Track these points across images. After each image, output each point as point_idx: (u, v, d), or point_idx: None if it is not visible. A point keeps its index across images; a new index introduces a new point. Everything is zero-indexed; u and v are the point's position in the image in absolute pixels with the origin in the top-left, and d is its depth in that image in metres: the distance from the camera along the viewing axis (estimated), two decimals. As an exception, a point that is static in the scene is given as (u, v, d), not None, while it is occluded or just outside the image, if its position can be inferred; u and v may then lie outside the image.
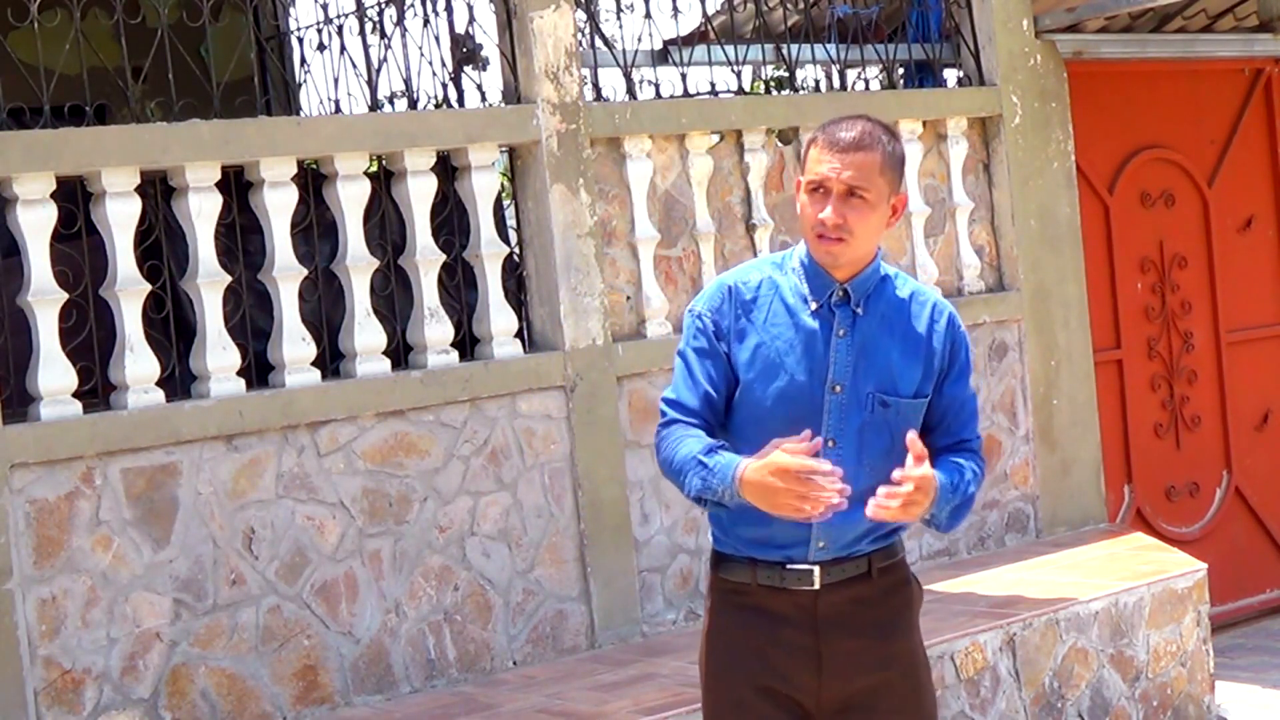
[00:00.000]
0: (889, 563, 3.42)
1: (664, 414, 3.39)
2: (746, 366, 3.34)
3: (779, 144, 6.65)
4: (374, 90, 6.01)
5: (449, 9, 6.18)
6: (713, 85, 6.64)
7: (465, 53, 6.43)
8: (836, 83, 7.08)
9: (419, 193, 5.71)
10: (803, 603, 3.35)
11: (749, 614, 3.39)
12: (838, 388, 3.32)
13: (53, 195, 5.01)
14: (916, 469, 3.16)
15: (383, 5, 7.21)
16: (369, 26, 6.97)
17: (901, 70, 7.30)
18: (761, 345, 3.34)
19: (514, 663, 5.71)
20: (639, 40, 6.37)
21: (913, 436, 3.19)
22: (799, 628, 3.36)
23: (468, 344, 5.86)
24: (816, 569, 3.34)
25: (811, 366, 3.32)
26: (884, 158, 3.28)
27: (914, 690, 3.45)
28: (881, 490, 3.16)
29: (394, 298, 5.77)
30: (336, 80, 7.15)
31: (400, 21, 6.15)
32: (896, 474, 3.17)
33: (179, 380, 5.30)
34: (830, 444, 3.30)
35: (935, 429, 3.39)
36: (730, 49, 6.66)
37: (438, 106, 6.42)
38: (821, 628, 3.36)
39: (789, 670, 3.38)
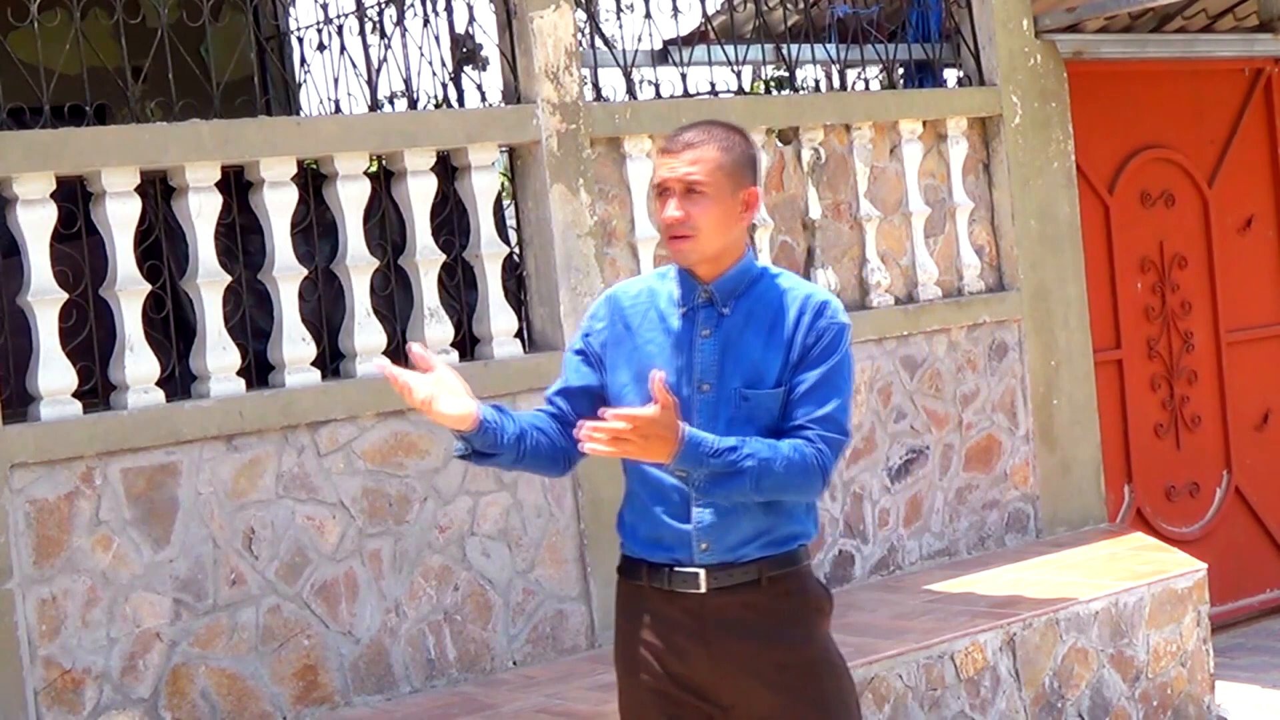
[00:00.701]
0: (782, 572, 3.41)
1: None
2: (622, 371, 3.43)
3: (779, 144, 6.65)
4: (374, 90, 6.01)
5: (449, 9, 6.18)
6: (713, 85, 6.64)
7: (465, 53, 6.43)
8: (836, 83, 7.08)
9: (419, 193, 5.71)
10: (691, 606, 3.39)
11: (645, 618, 3.45)
12: (705, 386, 3.38)
13: (53, 195, 5.01)
14: (643, 409, 3.17)
15: (383, 5, 7.21)
16: (369, 26, 6.97)
17: (901, 70, 7.30)
18: (635, 350, 3.44)
19: (514, 663, 5.72)
20: (639, 40, 6.38)
21: (658, 375, 3.19)
22: (689, 632, 3.40)
23: (468, 344, 5.86)
24: (702, 572, 3.38)
25: (680, 368, 3.40)
26: (720, 153, 3.37)
27: (810, 702, 3.41)
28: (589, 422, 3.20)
29: (394, 298, 5.77)
30: (336, 80, 7.16)
31: (400, 21, 6.15)
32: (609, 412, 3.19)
33: (179, 380, 5.31)
34: None
35: (784, 407, 3.39)
36: (730, 49, 6.66)
37: (438, 106, 6.42)
38: (710, 632, 3.38)
39: (683, 674, 3.42)
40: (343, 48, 7.08)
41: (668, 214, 3.37)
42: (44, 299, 4.96)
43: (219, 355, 5.24)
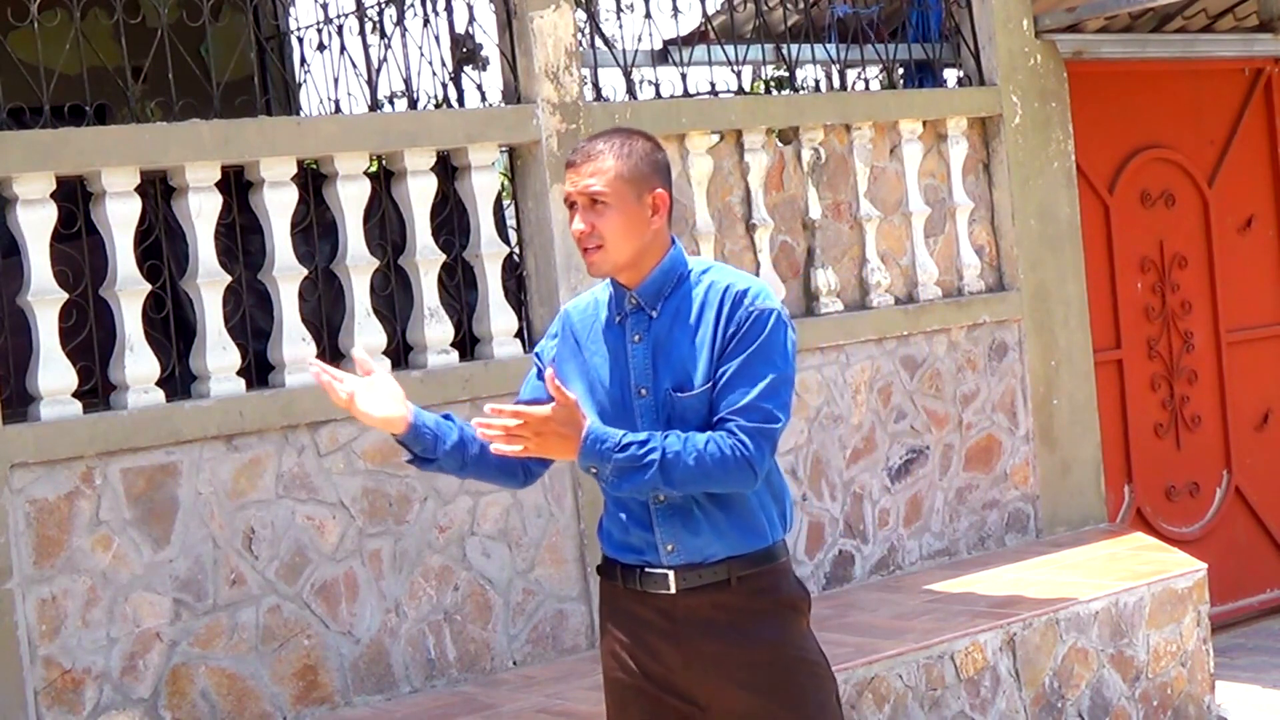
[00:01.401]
0: (752, 571, 3.41)
1: None
2: (575, 384, 3.45)
3: (779, 144, 6.65)
4: (374, 90, 6.01)
5: (449, 9, 6.18)
6: (713, 85, 6.64)
7: (465, 53, 6.43)
8: (836, 83, 7.08)
9: (419, 193, 5.71)
10: (662, 606, 3.41)
11: (620, 617, 3.48)
12: (643, 391, 3.40)
13: (53, 195, 5.01)
14: (535, 407, 3.25)
15: (383, 5, 7.21)
16: (369, 26, 6.97)
17: (901, 70, 7.30)
18: (585, 364, 3.48)
19: (514, 663, 5.71)
20: (639, 40, 6.38)
21: (549, 373, 3.28)
22: (661, 632, 3.41)
23: (468, 344, 5.86)
24: (671, 573, 3.39)
25: (621, 377, 3.42)
26: (618, 161, 3.38)
27: (784, 702, 3.40)
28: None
29: (394, 298, 5.77)
30: (336, 80, 7.16)
31: (400, 21, 6.15)
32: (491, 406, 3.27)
33: (179, 380, 5.31)
34: None
35: (714, 400, 3.37)
36: (730, 49, 6.66)
37: (438, 106, 6.42)
38: (681, 631, 3.39)
39: (659, 673, 3.43)
40: (343, 48, 7.08)
41: (575, 227, 3.39)
42: (44, 299, 4.96)
43: (219, 355, 5.24)
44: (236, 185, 5.46)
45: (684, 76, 6.48)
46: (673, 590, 3.39)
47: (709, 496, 3.36)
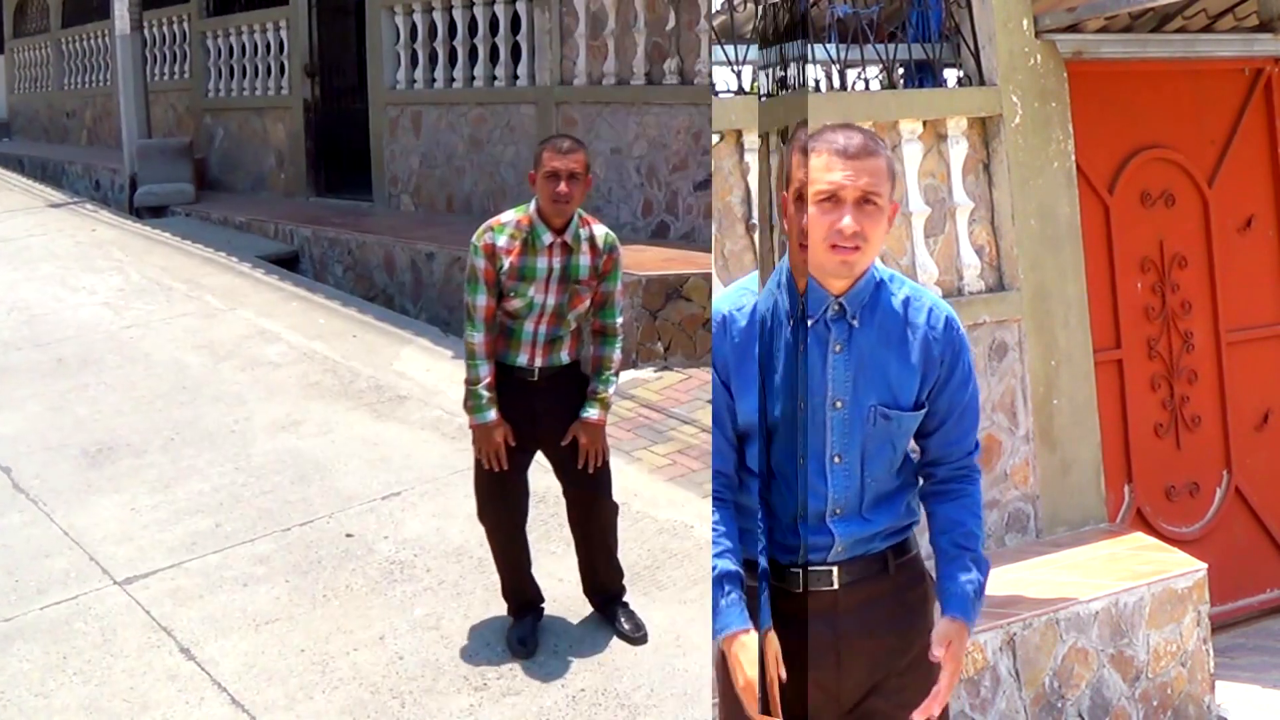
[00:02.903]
0: (905, 558, 3.45)
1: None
2: (751, 395, 3.31)
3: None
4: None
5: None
6: (712, 85, 6.64)
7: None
8: (836, 83, 7.08)
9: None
10: (824, 603, 3.37)
11: (780, 626, 3.39)
12: (839, 404, 3.28)
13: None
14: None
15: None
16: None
17: (901, 70, 7.30)
18: (754, 370, 3.31)
19: (514, 663, 5.71)
20: (639, 40, 6.38)
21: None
22: (818, 626, 3.37)
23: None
24: (835, 569, 3.37)
25: (813, 386, 3.27)
26: (887, 164, 3.21)
27: (928, 689, 3.43)
28: None
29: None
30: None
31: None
32: None
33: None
34: (837, 459, 3.30)
35: (933, 434, 3.36)
36: (730, 49, 6.66)
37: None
38: (841, 626, 3.37)
39: (828, 675, 3.39)
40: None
41: (845, 225, 3.16)
42: None
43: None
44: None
45: (684, 76, 6.49)
46: (836, 586, 3.36)
47: (877, 501, 3.36)
